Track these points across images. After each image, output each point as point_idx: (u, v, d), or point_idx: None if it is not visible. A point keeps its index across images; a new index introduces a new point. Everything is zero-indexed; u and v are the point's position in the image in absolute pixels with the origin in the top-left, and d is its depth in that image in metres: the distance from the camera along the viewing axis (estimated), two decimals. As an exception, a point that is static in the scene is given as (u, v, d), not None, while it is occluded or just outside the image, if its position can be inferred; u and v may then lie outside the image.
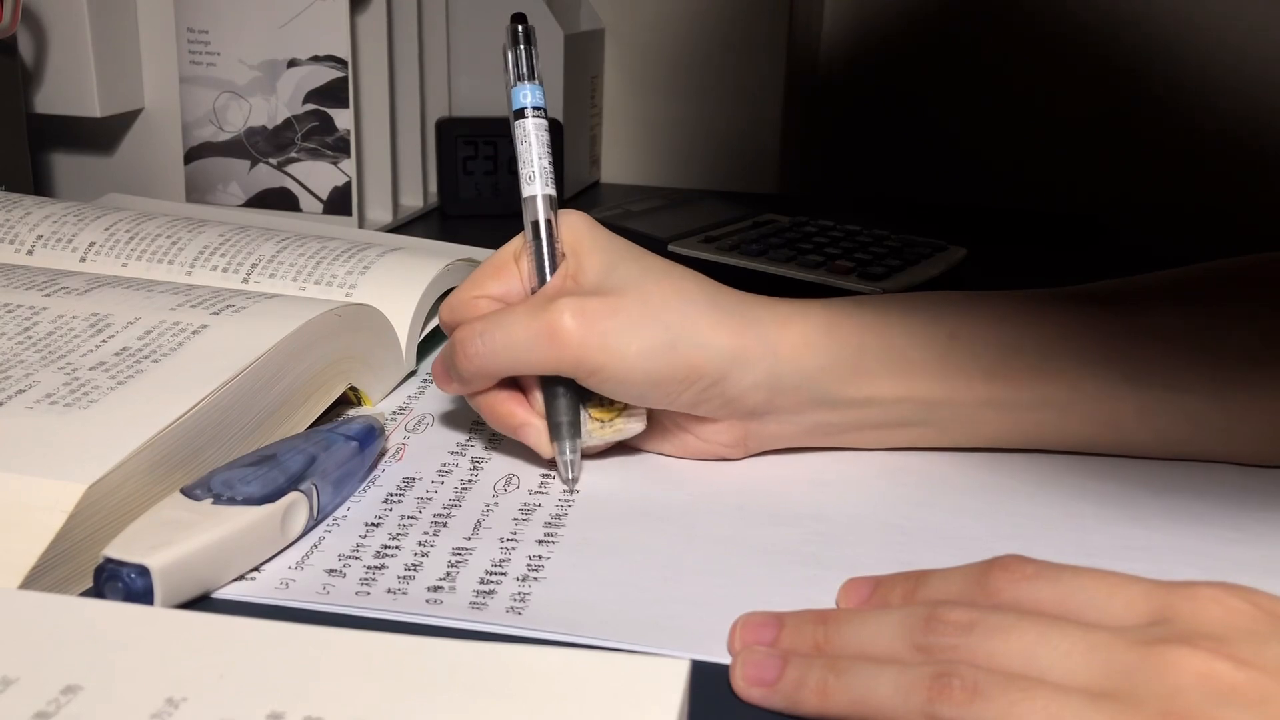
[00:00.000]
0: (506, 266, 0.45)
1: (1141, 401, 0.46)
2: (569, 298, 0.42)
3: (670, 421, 0.46)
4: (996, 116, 1.06)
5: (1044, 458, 0.48)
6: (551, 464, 0.45)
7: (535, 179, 0.45)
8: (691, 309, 0.43)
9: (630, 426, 0.45)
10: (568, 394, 0.44)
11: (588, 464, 0.46)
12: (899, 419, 0.46)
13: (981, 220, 0.94)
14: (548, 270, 0.44)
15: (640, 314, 0.42)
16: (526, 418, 0.44)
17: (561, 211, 0.45)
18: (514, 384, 0.45)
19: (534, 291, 0.44)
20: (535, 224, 0.45)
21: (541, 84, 0.46)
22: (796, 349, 0.44)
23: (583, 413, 0.44)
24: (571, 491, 0.44)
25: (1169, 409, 0.46)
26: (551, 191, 0.45)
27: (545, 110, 0.46)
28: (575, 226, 0.45)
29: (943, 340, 0.45)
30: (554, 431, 0.44)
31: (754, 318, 0.44)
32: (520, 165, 0.46)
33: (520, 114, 0.46)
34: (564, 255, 0.44)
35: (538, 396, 0.44)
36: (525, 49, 0.46)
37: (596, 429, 0.44)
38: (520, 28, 0.46)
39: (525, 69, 0.46)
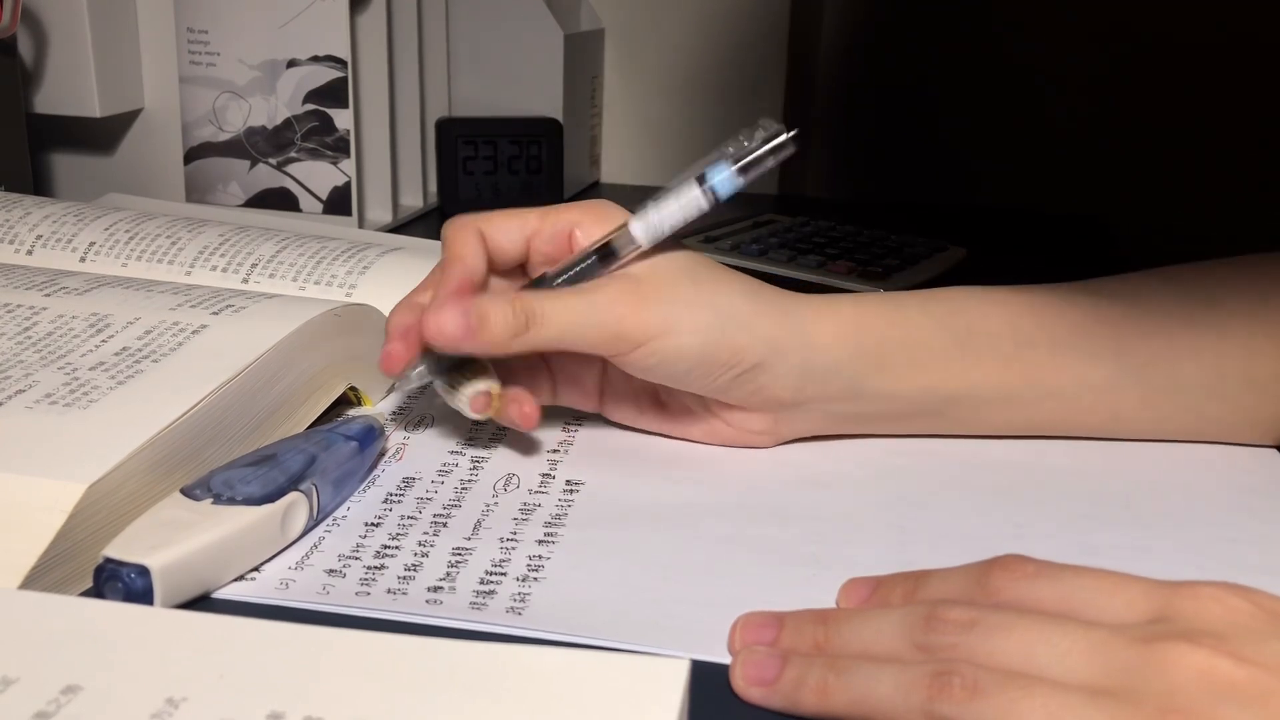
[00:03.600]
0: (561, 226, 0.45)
1: (1144, 395, 0.47)
2: (624, 278, 0.43)
3: (703, 409, 0.47)
4: (997, 116, 1.06)
5: (1044, 458, 0.48)
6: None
7: (665, 226, 0.43)
8: (736, 296, 0.44)
9: (462, 401, 0.44)
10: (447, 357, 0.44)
11: (588, 462, 0.46)
12: (918, 409, 0.47)
13: (981, 220, 0.94)
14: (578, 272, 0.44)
15: (692, 295, 0.43)
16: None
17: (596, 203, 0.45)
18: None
19: (548, 278, 0.44)
20: (609, 247, 0.43)
21: (742, 174, 0.43)
22: (829, 341, 0.45)
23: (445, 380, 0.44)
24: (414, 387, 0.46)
25: (1169, 402, 0.47)
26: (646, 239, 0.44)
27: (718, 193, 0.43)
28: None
29: (960, 333, 0.46)
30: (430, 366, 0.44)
31: (790, 309, 0.45)
32: (668, 207, 0.43)
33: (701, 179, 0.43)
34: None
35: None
36: (753, 147, 0.43)
37: (446, 390, 0.45)
38: (767, 133, 0.43)
39: (749, 164, 0.43)
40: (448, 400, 0.45)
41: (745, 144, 0.43)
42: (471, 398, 0.44)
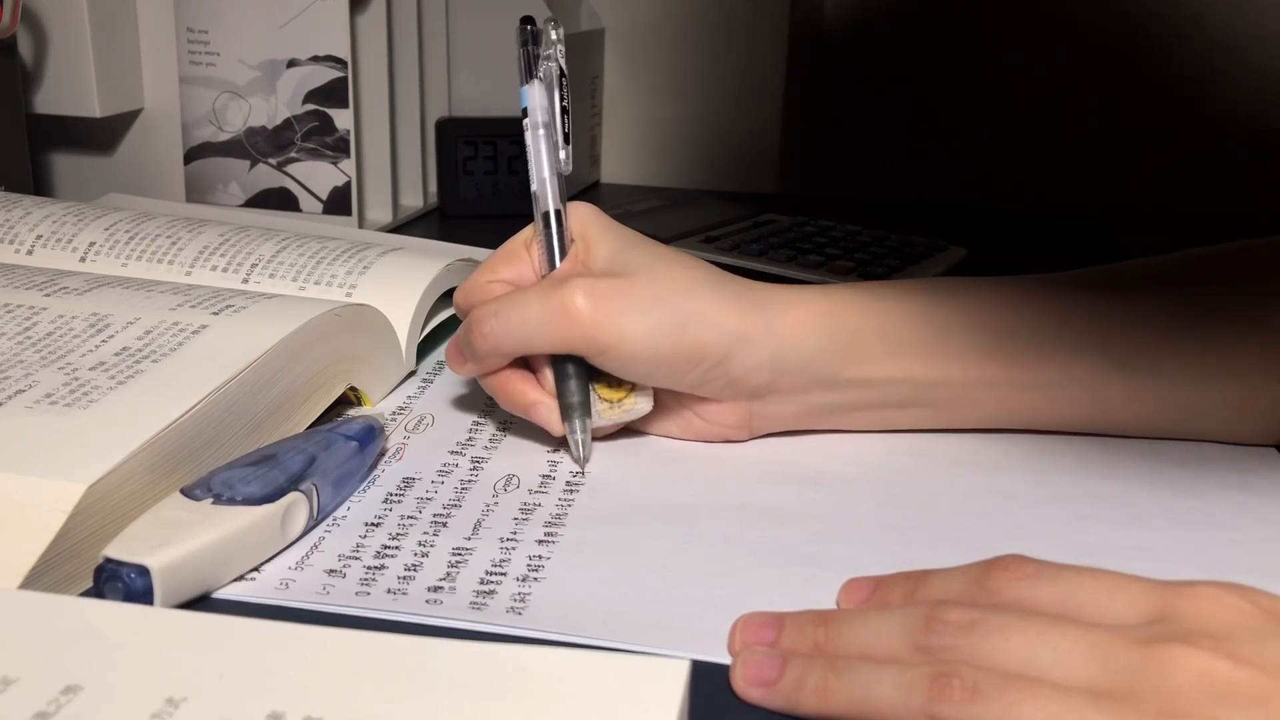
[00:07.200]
0: (518, 253, 0.47)
1: (1129, 388, 0.47)
2: (580, 278, 0.43)
3: (676, 403, 0.47)
4: (998, 117, 1.06)
5: (1043, 458, 0.48)
6: (558, 444, 0.47)
7: (545, 171, 0.47)
8: (698, 291, 0.44)
9: (639, 407, 0.46)
10: (578, 374, 0.45)
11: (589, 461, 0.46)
12: (897, 399, 0.47)
13: (981, 220, 0.95)
14: (558, 256, 0.45)
15: (649, 295, 0.43)
16: (538, 397, 0.45)
17: (570, 203, 0.47)
18: (525, 365, 0.46)
19: (545, 277, 0.45)
20: (546, 214, 0.46)
21: (565, 76, 0.48)
22: (798, 331, 0.45)
23: (592, 393, 0.45)
24: (583, 470, 0.45)
25: (1154, 396, 0.47)
26: (560, 184, 0.47)
27: (566, 103, 0.48)
28: (584, 216, 0.46)
29: (938, 323, 0.46)
30: (565, 411, 0.45)
31: (758, 301, 0.45)
32: (530, 159, 0.47)
33: (527, 112, 0.48)
34: (574, 241, 0.46)
35: (548, 376, 0.45)
36: (528, 50, 0.48)
37: (606, 409, 0.45)
38: (529, 28, 0.48)
39: (529, 69, 0.48)
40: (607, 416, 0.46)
41: (518, 61, 0.48)
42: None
